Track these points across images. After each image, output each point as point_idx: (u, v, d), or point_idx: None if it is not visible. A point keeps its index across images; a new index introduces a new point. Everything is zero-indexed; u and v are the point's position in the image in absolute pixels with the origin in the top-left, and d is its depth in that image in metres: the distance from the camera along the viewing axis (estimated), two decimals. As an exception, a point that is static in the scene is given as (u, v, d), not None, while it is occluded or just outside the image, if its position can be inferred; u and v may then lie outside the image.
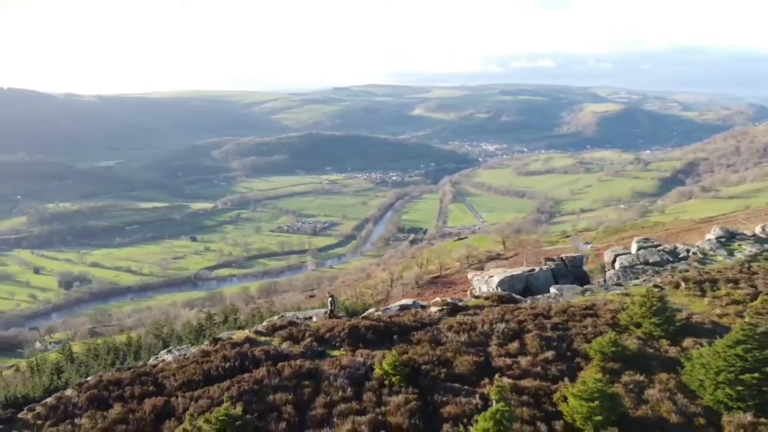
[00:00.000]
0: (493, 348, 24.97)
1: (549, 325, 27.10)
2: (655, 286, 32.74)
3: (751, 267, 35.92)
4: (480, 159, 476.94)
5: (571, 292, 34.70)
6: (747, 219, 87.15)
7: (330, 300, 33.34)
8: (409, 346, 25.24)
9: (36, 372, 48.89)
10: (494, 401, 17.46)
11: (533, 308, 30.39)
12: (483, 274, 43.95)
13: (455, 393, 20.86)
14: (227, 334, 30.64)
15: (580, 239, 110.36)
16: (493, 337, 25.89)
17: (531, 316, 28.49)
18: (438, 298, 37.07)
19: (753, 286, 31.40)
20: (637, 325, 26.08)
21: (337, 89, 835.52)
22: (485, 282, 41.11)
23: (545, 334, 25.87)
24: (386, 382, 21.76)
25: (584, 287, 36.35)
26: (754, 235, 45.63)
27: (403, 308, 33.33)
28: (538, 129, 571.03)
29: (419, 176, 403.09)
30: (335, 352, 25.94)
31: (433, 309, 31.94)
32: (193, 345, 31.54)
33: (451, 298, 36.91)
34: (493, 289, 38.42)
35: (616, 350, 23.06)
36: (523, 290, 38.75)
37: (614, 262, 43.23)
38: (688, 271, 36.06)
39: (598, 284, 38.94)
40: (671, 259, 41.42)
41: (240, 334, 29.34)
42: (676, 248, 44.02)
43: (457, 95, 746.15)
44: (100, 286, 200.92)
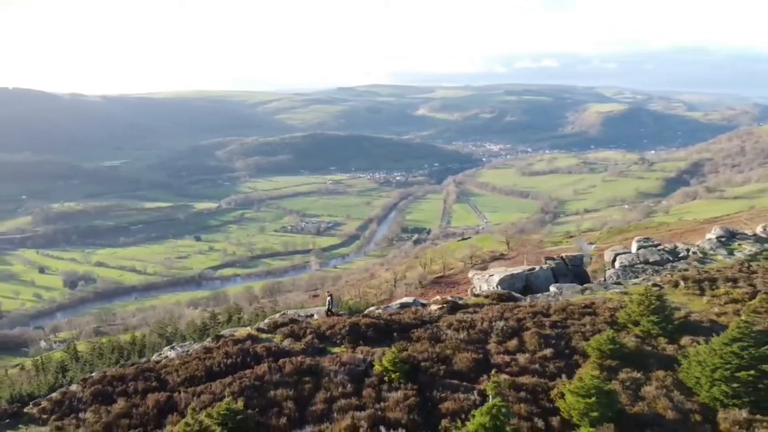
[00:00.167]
0: (492, 345, 25.24)
1: (548, 323, 27.36)
2: (655, 285, 32.90)
3: (750, 266, 36.03)
4: (484, 159, 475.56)
5: (571, 291, 34.90)
6: (751, 219, 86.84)
7: (329, 299, 33.85)
8: (408, 344, 25.55)
9: (41, 370, 49.38)
10: (491, 396, 17.69)
11: (532, 306, 30.62)
12: (484, 273, 44.16)
13: (454, 389, 21.15)
14: (229, 331, 30.96)
15: (584, 240, 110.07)
16: (492, 334, 26.14)
17: (530, 314, 28.75)
18: (438, 297, 37.29)
19: (752, 285, 31.55)
20: (636, 324, 26.29)
21: (341, 89, 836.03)
22: (485, 281, 41.32)
23: (544, 331, 26.12)
24: (386, 379, 22.04)
25: (584, 286, 36.53)
26: (754, 235, 45.72)
27: (403, 306, 33.61)
28: (542, 129, 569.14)
29: (423, 176, 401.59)
30: (336, 349, 26.23)
31: (433, 307, 32.19)
32: (196, 342, 31.83)
33: (451, 296, 37.13)
34: (494, 288, 38.63)
35: (613, 348, 23.30)
36: (524, 289, 38.97)
37: (614, 261, 43.39)
38: (687, 270, 36.20)
39: (597, 283, 39.10)
40: (671, 259, 41.54)
41: (242, 331, 29.64)
42: (676, 247, 44.12)
43: (462, 95, 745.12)
44: (105, 286, 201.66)
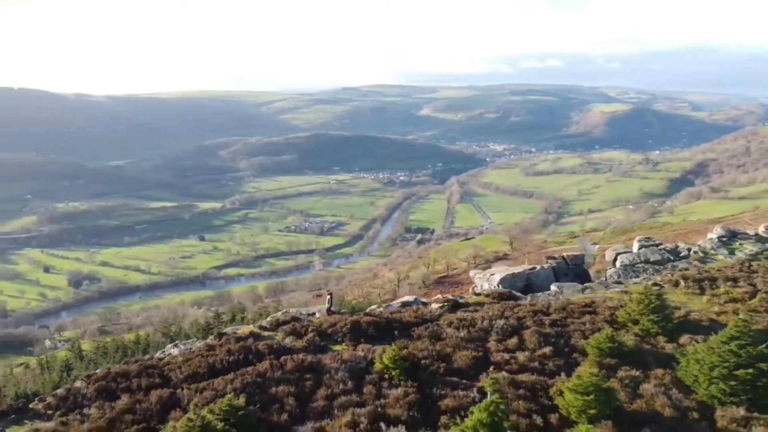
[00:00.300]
0: (492, 343, 25.43)
1: (548, 322, 27.53)
2: (655, 284, 33.00)
3: (751, 266, 36.10)
4: (488, 159, 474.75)
5: (571, 290, 35.04)
6: (755, 219, 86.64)
7: (329, 298, 34.18)
8: (409, 341, 25.77)
9: (46, 369, 49.83)
10: (489, 393, 17.88)
11: (533, 305, 30.79)
12: (485, 273, 44.35)
13: (453, 386, 21.37)
14: (232, 329, 31.23)
15: (588, 240, 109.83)
16: (492, 333, 26.33)
17: (530, 313, 28.93)
18: (439, 295, 37.48)
19: (752, 285, 31.65)
20: (635, 322, 26.45)
21: (345, 89, 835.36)
22: (487, 280, 41.50)
23: (544, 330, 26.30)
24: (386, 376, 22.27)
25: (584, 285, 36.66)
26: (756, 235, 45.73)
27: (404, 305, 33.83)
28: (546, 129, 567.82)
29: (427, 176, 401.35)
30: (337, 347, 26.47)
31: (434, 306, 32.39)
32: (199, 339, 32.12)
33: (452, 295, 37.31)
34: (495, 287, 38.80)
35: (612, 346, 23.47)
36: (524, 288, 39.14)
37: (615, 260, 43.48)
38: (688, 270, 36.31)
39: (598, 282, 39.19)
40: (672, 258, 41.62)
41: (244, 329, 29.92)
42: (677, 247, 44.17)
43: (466, 95, 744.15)
44: (110, 285, 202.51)
